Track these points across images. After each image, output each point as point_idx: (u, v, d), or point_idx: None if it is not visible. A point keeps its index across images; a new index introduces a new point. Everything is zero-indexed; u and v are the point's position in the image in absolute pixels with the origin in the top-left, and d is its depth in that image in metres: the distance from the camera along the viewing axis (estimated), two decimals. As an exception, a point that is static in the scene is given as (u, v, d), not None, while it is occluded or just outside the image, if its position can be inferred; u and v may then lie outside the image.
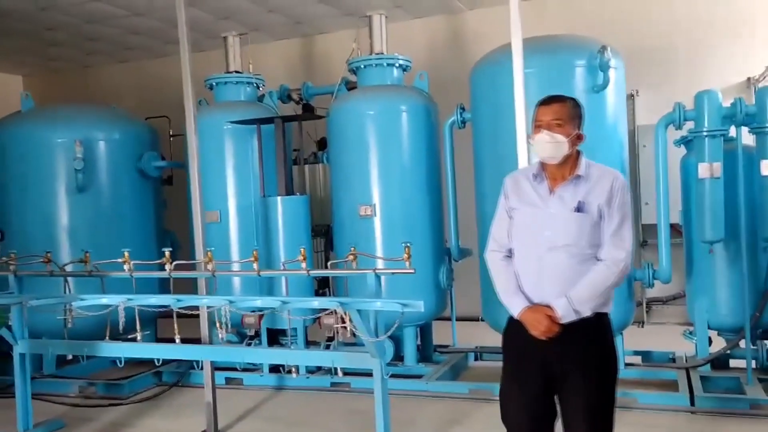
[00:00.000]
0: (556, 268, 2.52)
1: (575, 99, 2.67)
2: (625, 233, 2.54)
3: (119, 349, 4.19)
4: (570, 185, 2.56)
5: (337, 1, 7.10)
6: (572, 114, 2.58)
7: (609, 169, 2.61)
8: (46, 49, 8.51)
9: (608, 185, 2.53)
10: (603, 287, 2.50)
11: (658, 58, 6.88)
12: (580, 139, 2.60)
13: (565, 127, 2.54)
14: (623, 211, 2.53)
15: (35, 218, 5.56)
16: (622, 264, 2.51)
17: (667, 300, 6.98)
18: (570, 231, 2.51)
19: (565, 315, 2.48)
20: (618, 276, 2.50)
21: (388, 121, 5.43)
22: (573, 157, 2.58)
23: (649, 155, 6.56)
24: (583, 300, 2.48)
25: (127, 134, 6.00)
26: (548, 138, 2.54)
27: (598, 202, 2.52)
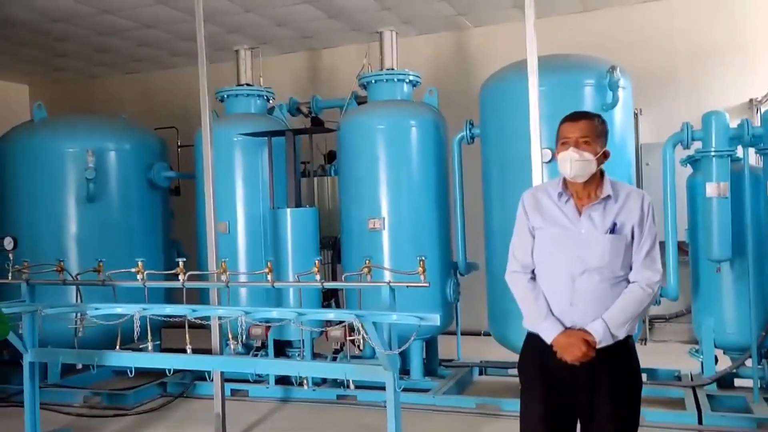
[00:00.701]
0: (590, 290, 2.45)
1: (601, 116, 2.63)
2: (656, 255, 2.50)
3: (130, 359, 4.19)
4: (599, 206, 2.50)
5: (345, 16, 7.19)
6: (599, 131, 2.53)
7: (634, 188, 2.59)
8: (54, 59, 8.56)
9: (638, 205, 2.49)
10: (638, 310, 2.46)
11: (661, 78, 6.98)
12: (607, 156, 2.54)
13: (593, 145, 2.48)
14: (654, 232, 2.50)
15: (47, 227, 5.58)
16: (657, 286, 2.49)
17: (670, 318, 7.02)
18: (604, 253, 2.45)
19: (603, 339, 2.42)
20: (652, 298, 2.48)
21: (398, 135, 5.49)
22: (597, 176, 2.53)
23: (652, 173, 6.65)
24: (619, 323, 2.43)
25: (138, 144, 6.04)
26: (577, 156, 2.46)
27: (631, 223, 2.47)
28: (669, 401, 4.88)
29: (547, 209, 2.55)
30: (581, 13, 7.29)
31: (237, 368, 4.67)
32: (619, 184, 2.56)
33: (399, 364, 4.81)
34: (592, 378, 2.46)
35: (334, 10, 6.98)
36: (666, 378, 5.28)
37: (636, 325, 2.56)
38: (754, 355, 4.57)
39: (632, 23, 7.13)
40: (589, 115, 2.57)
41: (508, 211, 4.84)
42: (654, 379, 5.29)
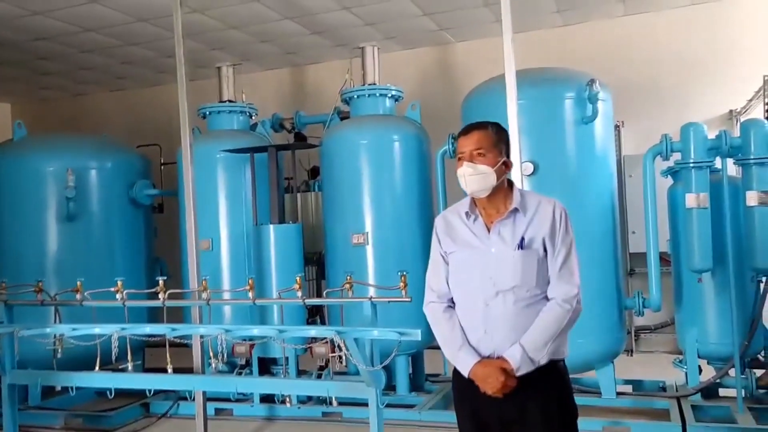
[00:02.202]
0: (505, 314, 2.25)
1: (497, 124, 2.45)
2: (573, 266, 2.29)
3: (111, 380, 4.13)
4: (508, 220, 2.32)
5: (328, 32, 7.23)
6: (495, 141, 2.35)
7: (545, 197, 2.39)
8: (37, 77, 8.52)
9: (549, 215, 2.30)
10: (557, 329, 2.24)
11: (643, 90, 7.05)
12: (508, 167, 2.38)
13: (488, 156, 2.31)
14: (569, 241, 2.30)
15: (27, 246, 5.51)
16: (575, 300, 2.26)
17: (655, 328, 7.04)
18: (516, 271, 2.26)
19: (521, 366, 2.21)
20: (572, 314, 2.26)
21: (381, 150, 5.50)
22: (504, 189, 2.37)
23: (634, 185, 6.70)
24: (538, 346, 2.22)
25: (119, 163, 6.00)
26: (470, 170, 2.30)
27: (542, 235, 2.28)
28: (654, 412, 4.88)
29: (458, 231, 2.38)
30: (562, 27, 7.38)
31: (218, 387, 4.62)
32: (529, 195, 2.41)
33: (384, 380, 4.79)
34: (520, 410, 2.27)
35: (318, 26, 7.01)
36: (651, 389, 5.28)
37: (565, 347, 2.33)
38: (737, 365, 4.59)
39: (613, 36, 7.21)
40: (482, 125, 2.39)
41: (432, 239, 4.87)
42: (639, 391, 5.29)
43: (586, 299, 4.78)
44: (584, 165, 4.84)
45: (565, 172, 4.80)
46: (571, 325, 2.29)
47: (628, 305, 5.00)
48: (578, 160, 4.83)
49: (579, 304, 2.29)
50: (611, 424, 4.59)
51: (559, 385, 2.33)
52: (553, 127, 4.81)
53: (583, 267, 4.87)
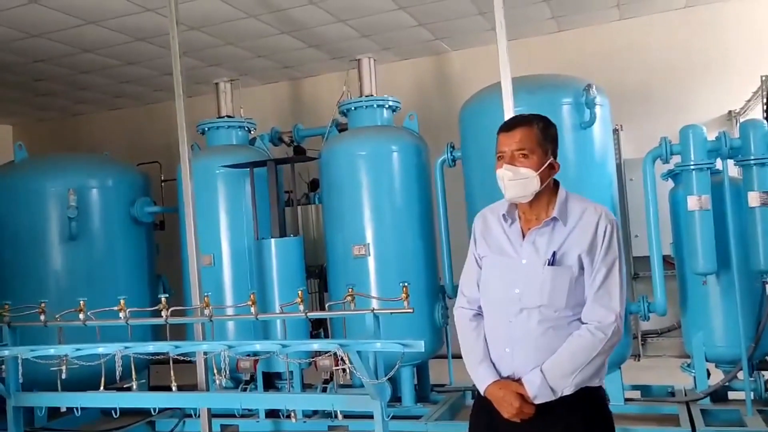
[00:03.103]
0: (528, 333, 2.02)
1: (546, 118, 2.14)
2: (613, 288, 2.00)
3: (115, 399, 4.12)
4: (545, 229, 2.06)
5: (325, 45, 7.26)
6: (541, 139, 2.08)
7: (594, 205, 2.10)
8: (36, 98, 8.57)
9: (591, 228, 2.02)
10: (586, 358, 1.98)
11: (641, 93, 7.06)
12: (555, 168, 2.11)
13: (533, 158, 2.05)
14: (611, 260, 2.01)
15: (29, 267, 5.50)
16: (611, 329, 1.98)
17: (662, 332, 7.00)
18: (544, 289, 2.01)
19: (538, 394, 1.99)
20: (607, 344, 1.98)
21: (380, 161, 5.49)
22: (549, 193, 2.10)
23: (635, 189, 6.68)
24: (560, 375, 1.98)
25: (120, 181, 6.01)
26: (510, 174, 2.05)
27: (578, 251, 2.01)
28: (663, 418, 4.84)
29: (494, 234, 2.16)
30: (557, 33, 7.40)
31: (222, 404, 4.60)
32: (575, 202, 2.11)
33: (389, 391, 4.77)
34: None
35: (314, 39, 7.05)
36: (659, 394, 5.24)
37: (600, 375, 2.06)
38: (745, 368, 4.55)
39: (609, 41, 7.23)
40: (527, 121, 2.11)
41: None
42: (648, 396, 5.25)
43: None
44: (583, 170, 4.83)
45: (565, 178, 4.65)
46: (606, 354, 2.02)
47: (633, 310, 4.97)
48: (577, 165, 4.82)
49: (617, 333, 2.00)
50: (620, 431, 4.55)
51: (588, 415, 2.05)
52: (551, 133, 4.80)
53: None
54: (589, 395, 2.05)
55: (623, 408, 4.90)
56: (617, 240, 2.05)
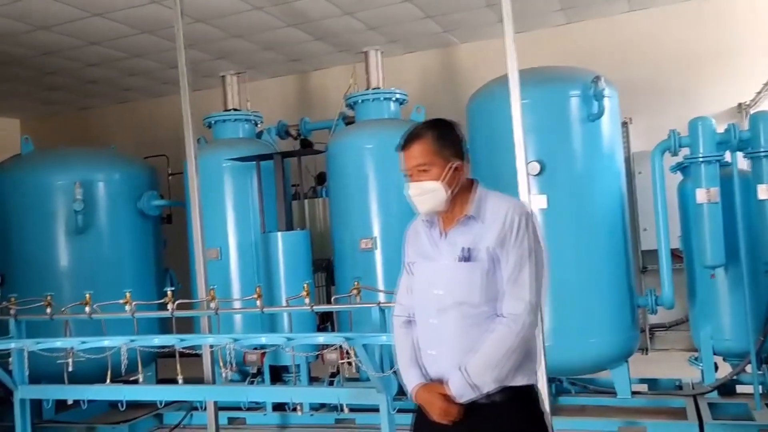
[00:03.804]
0: (451, 333, 2.03)
1: (440, 123, 2.14)
2: (524, 279, 1.99)
3: (121, 392, 4.14)
4: (460, 227, 2.08)
5: (332, 38, 7.23)
6: (437, 148, 2.07)
7: (508, 200, 2.11)
8: (44, 92, 8.60)
9: (501, 220, 2.02)
10: (504, 351, 1.96)
11: (650, 86, 6.99)
12: (460, 170, 2.09)
13: (433, 169, 2.05)
14: (522, 251, 2.00)
15: (36, 261, 5.52)
16: (521, 321, 1.97)
17: (670, 326, 6.96)
18: (460, 286, 2.03)
19: (461, 393, 1.98)
20: (519, 336, 1.97)
21: (387, 154, 5.44)
22: (464, 194, 2.10)
23: (644, 181, 6.63)
24: (480, 371, 1.97)
25: (127, 174, 6.01)
26: (417, 190, 2.07)
27: (488, 244, 2.01)
28: (671, 411, 4.81)
29: (420, 240, 2.18)
30: (566, 25, 7.33)
31: (228, 397, 4.61)
32: (491, 199, 2.10)
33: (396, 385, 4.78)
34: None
35: (321, 32, 7.02)
36: (667, 387, 5.22)
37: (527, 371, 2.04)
38: (753, 361, 4.51)
39: (618, 33, 7.16)
40: (419, 134, 2.09)
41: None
42: (655, 389, 5.23)
43: (597, 297, 4.74)
44: (592, 163, 4.80)
45: (573, 171, 4.76)
46: (524, 346, 2.00)
47: (641, 303, 4.95)
48: (585, 158, 4.79)
49: (529, 325, 1.98)
50: (627, 424, 4.54)
51: (519, 415, 2.04)
52: (558, 125, 4.77)
53: (594, 266, 4.84)
54: (519, 395, 2.04)
55: (630, 401, 4.89)
56: (530, 231, 2.04)
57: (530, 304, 1.99)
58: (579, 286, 4.62)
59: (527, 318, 1.98)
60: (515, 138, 3.89)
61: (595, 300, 4.64)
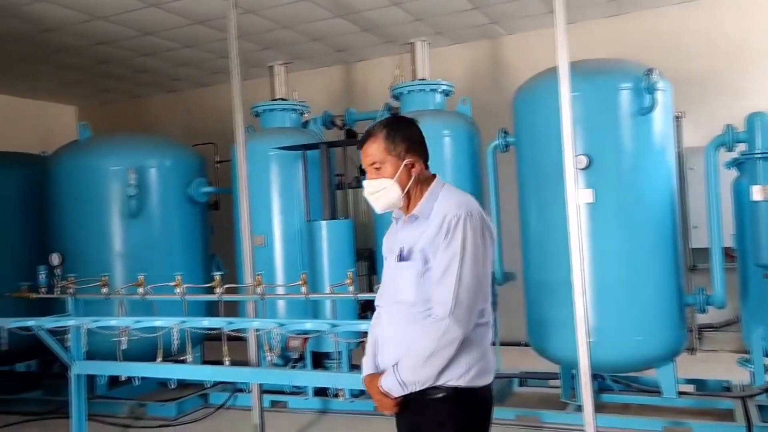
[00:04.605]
0: (392, 328, 2.09)
1: (393, 121, 2.18)
2: (449, 282, 1.95)
3: (171, 371, 4.27)
4: (409, 226, 2.11)
5: (378, 29, 7.25)
6: (388, 145, 2.09)
7: (454, 200, 2.08)
8: (99, 81, 8.88)
9: (438, 221, 2.01)
10: (427, 354, 1.95)
11: (704, 79, 6.79)
12: (416, 167, 2.11)
13: (385, 167, 2.09)
14: (450, 253, 1.97)
15: (91, 242, 5.74)
16: (443, 324, 1.94)
17: (719, 326, 6.78)
18: (398, 284, 2.08)
19: (390, 388, 2.01)
20: (443, 339, 1.94)
21: (431, 145, 5.35)
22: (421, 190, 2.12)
23: (696, 178, 6.45)
24: (408, 369, 1.98)
25: (177, 161, 6.18)
26: (369, 188, 2.12)
27: (423, 244, 2.02)
28: (718, 413, 4.71)
29: (390, 235, 2.25)
30: (617, 16, 7.17)
31: (273, 380, 4.71)
32: (444, 198, 2.10)
33: (436, 375, 4.79)
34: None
35: (368, 23, 7.04)
36: (715, 389, 5.10)
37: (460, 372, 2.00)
38: (808, 365, 4.37)
39: (671, 24, 6.97)
40: (372, 132, 2.13)
41: (545, 219, 4.81)
42: (702, 390, 5.11)
43: (644, 294, 4.65)
44: (642, 158, 4.70)
45: (621, 166, 4.67)
46: (449, 349, 1.95)
47: (689, 302, 4.83)
48: (635, 153, 4.69)
49: (453, 330, 1.94)
50: (672, 425, 4.46)
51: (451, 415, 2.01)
52: (608, 119, 4.68)
53: (641, 262, 4.75)
54: (459, 395, 2.01)
55: (676, 401, 4.80)
56: (464, 232, 1.99)
57: (453, 308, 1.94)
58: (625, 282, 4.55)
59: (449, 322, 1.94)
60: (563, 131, 3.84)
61: (642, 297, 4.56)
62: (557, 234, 4.39)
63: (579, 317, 3.67)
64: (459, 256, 1.96)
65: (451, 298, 1.95)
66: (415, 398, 2.02)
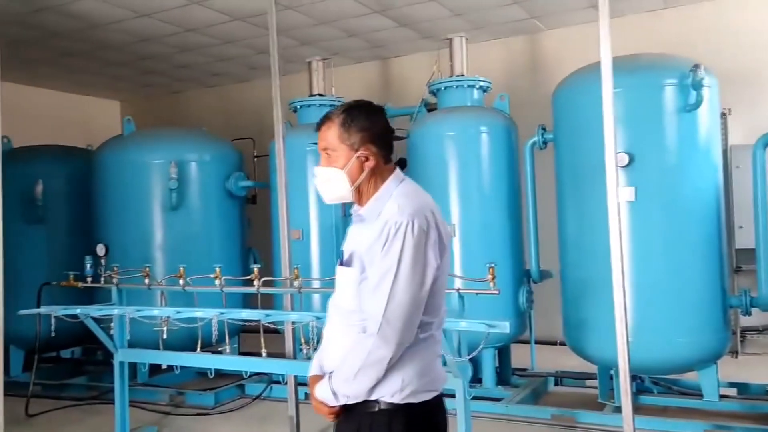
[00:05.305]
0: (333, 335, 1.98)
1: (353, 107, 1.96)
2: (382, 294, 1.79)
3: (210, 361, 4.37)
4: (356, 227, 1.98)
5: (415, 24, 7.23)
6: (342, 133, 1.91)
7: (402, 203, 1.87)
8: (141, 76, 9.09)
9: (380, 227, 1.83)
10: (356, 368, 1.82)
11: (752, 75, 6.59)
12: (369, 160, 1.92)
13: (337, 156, 1.92)
14: (387, 263, 1.79)
15: (134, 234, 5.90)
16: (370, 341, 1.80)
17: (763, 329, 6.59)
18: (338, 288, 1.97)
19: (323, 397, 1.90)
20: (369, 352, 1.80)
21: (468, 141, 5.46)
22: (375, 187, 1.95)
23: (742, 177, 6.27)
24: (339, 380, 1.86)
25: (217, 156, 6.29)
26: (319, 176, 1.98)
27: (362, 250, 1.87)
28: (761, 416, 4.59)
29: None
30: (662, 9, 7.01)
31: (309, 372, 4.75)
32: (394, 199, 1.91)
33: (470, 372, 4.79)
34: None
35: (405, 19, 7.03)
36: (757, 393, 4.97)
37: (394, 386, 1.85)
38: None
39: (717, 18, 6.78)
40: (329, 116, 1.95)
41: (583, 217, 4.75)
42: (744, 394, 4.99)
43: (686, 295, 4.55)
44: (686, 156, 4.59)
45: (665, 164, 4.57)
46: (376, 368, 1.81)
47: (733, 304, 4.71)
48: (679, 151, 4.58)
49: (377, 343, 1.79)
50: (713, 428, 4.36)
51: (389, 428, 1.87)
52: (651, 115, 4.59)
53: (684, 262, 4.65)
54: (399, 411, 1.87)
55: (718, 405, 4.69)
56: (404, 242, 1.80)
57: (382, 326, 1.79)
58: (667, 282, 4.46)
59: (376, 340, 1.79)
60: (605, 128, 3.78)
61: (684, 298, 4.46)
62: (596, 232, 4.33)
63: (618, 317, 3.61)
64: (394, 269, 1.79)
65: (381, 315, 1.79)
66: (355, 409, 1.90)
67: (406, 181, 1.99)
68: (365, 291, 1.84)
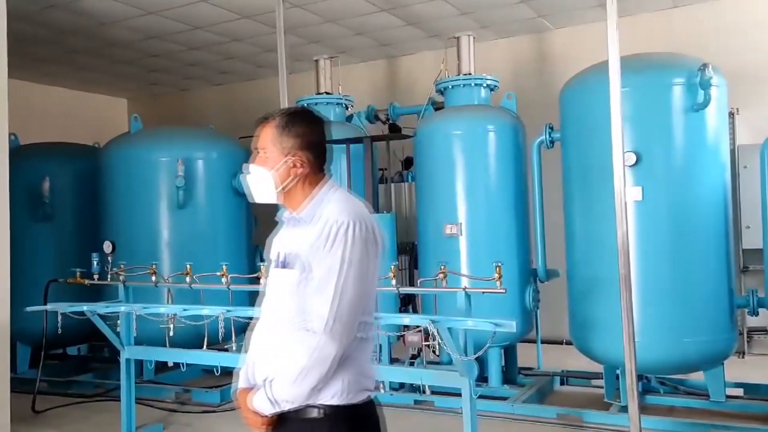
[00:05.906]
0: (266, 342, 1.93)
1: (292, 113, 2.00)
2: (328, 294, 1.79)
3: (216, 358, 4.38)
4: (291, 229, 1.96)
5: (423, 23, 7.23)
6: (276, 136, 1.93)
7: (341, 206, 1.89)
8: (149, 74, 9.12)
9: (320, 227, 1.83)
10: (299, 370, 1.78)
11: (760, 75, 6.55)
12: (299, 167, 1.93)
13: (268, 156, 1.93)
14: (331, 263, 1.79)
15: (141, 231, 5.91)
16: (317, 338, 1.77)
17: (771, 330, 6.56)
18: (275, 292, 1.93)
19: (261, 407, 1.85)
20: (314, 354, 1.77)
21: (475, 140, 5.45)
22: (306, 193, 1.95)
23: (749, 176, 6.25)
24: (278, 387, 1.82)
25: (223, 153, 6.30)
26: (249, 174, 1.97)
27: (303, 252, 1.86)
28: (767, 417, 4.56)
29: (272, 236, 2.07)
30: (670, 9, 6.98)
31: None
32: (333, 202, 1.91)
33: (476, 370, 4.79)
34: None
35: (413, 17, 7.03)
36: (764, 393, 4.94)
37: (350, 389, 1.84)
38: None
39: (725, 18, 6.74)
40: (269, 117, 1.98)
41: (590, 216, 4.74)
42: (751, 394, 4.96)
43: (693, 295, 4.54)
44: (693, 155, 4.57)
45: (672, 163, 4.55)
46: (322, 366, 1.78)
47: (740, 304, 4.69)
48: (687, 150, 4.57)
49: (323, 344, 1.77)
50: (719, 428, 4.35)
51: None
52: (659, 115, 4.57)
53: (691, 262, 4.64)
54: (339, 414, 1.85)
55: (724, 405, 4.68)
56: (347, 241, 1.80)
57: (330, 323, 1.78)
58: (674, 282, 4.44)
59: (324, 338, 1.77)
60: (613, 127, 3.77)
61: (690, 298, 4.44)
62: (603, 231, 4.32)
63: (625, 317, 3.60)
64: (339, 266, 1.79)
65: (329, 312, 1.78)
66: (290, 417, 1.85)
67: (340, 189, 2.01)
68: (308, 291, 1.83)
